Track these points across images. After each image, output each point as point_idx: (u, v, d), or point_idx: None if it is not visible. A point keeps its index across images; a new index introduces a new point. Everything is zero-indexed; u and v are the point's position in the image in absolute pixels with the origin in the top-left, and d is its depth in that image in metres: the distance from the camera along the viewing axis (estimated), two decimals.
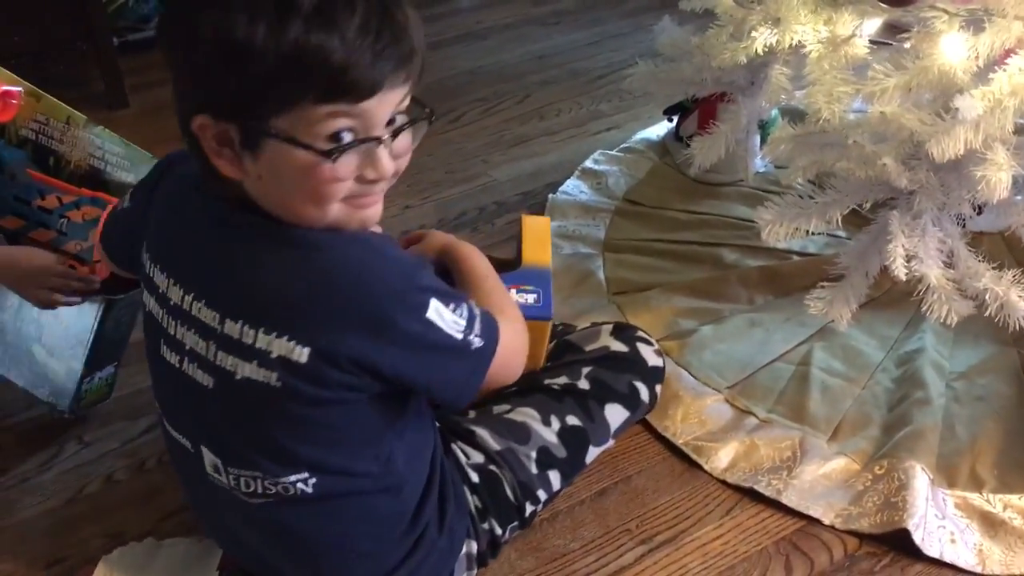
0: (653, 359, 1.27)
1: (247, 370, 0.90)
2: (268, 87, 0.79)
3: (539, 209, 1.81)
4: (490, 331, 0.95)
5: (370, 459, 0.98)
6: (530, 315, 1.15)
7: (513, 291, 1.19)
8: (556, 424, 1.17)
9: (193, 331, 0.93)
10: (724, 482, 1.26)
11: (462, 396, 0.96)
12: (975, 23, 1.17)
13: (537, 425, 1.17)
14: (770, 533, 1.20)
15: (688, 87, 1.59)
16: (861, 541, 1.18)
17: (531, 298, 1.20)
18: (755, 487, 1.24)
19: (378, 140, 0.84)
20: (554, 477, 1.16)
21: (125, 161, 1.27)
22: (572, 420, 1.19)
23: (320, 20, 0.78)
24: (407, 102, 0.87)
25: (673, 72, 1.59)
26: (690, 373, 1.41)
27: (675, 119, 1.93)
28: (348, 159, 0.84)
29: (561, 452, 1.17)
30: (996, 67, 1.14)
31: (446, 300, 0.90)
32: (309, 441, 0.95)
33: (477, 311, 0.94)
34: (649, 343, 1.28)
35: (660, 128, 2.01)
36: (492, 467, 1.13)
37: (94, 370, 1.34)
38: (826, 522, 1.20)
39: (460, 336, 0.91)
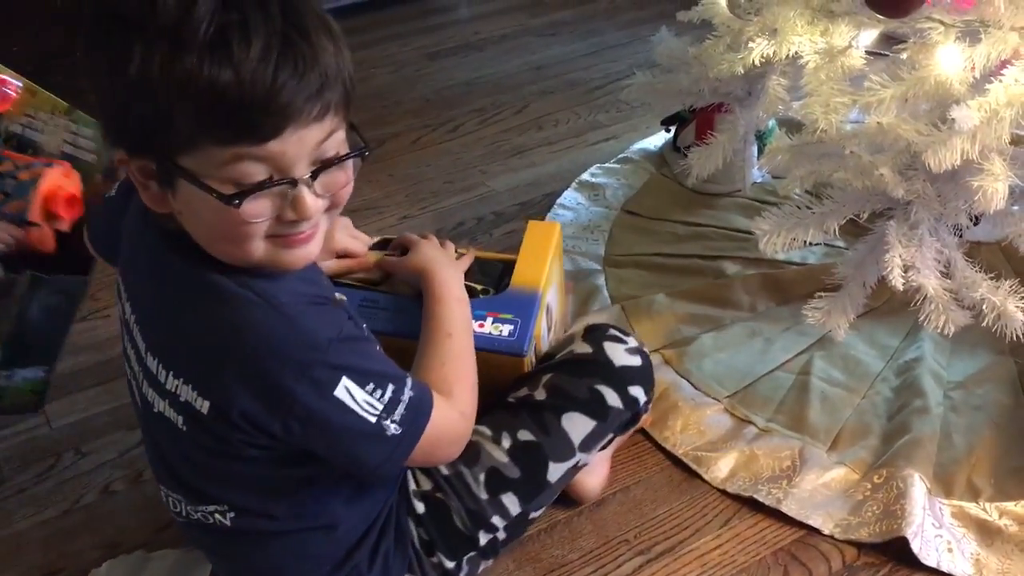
0: (623, 359, 1.13)
1: (161, 406, 0.90)
2: (166, 125, 0.75)
3: (537, 220, 1.81)
4: (415, 419, 0.90)
5: (296, 503, 0.95)
6: (500, 349, 1.11)
7: (490, 319, 1.13)
8: (507, 441, 1.07)
9: (133, 352, 0.94)
10: (724, 492, 1.26)
11: (374, 475, 0.92)
12: (971, 34, 1.17)
13: (487, 444, 1.07)
14: (769, 543, 1.20)
15: (685, 98, 1.60)
16: (860, 551, 1.18)
17: (506, 329, 1.12)
18: (755, 496, 1.24)
19: (294, 182, 0.79)
20: (509, 501, 1.06)
21: (92, 143, 1.22)
22: (525, 435, 1.08)
23: (213, 54, 0.72)
24: (339, 134, 0.81)
25: (671, 83, 1.59)
26: (690, 382, 1.41)
27: (672, 130, 1.93)
28: (258, 203, 0.79)
29: (513, 472, 1.06)
30: (992, 78, 1.14)
31: (363, 380, 0.86)
32: (220, 482, 0.93)
33: (405, 395, 0.89)
34: (620, 341, 1.15)
35: (658, 139, 2.02)
36: (439, 495, 1.05)
37: (15, 364, 1.23)
38: (825, 532, 1.20)
39: (373, 420, 0.86)
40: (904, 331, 1.49)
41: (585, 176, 1.93)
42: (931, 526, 1.18)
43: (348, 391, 0.85)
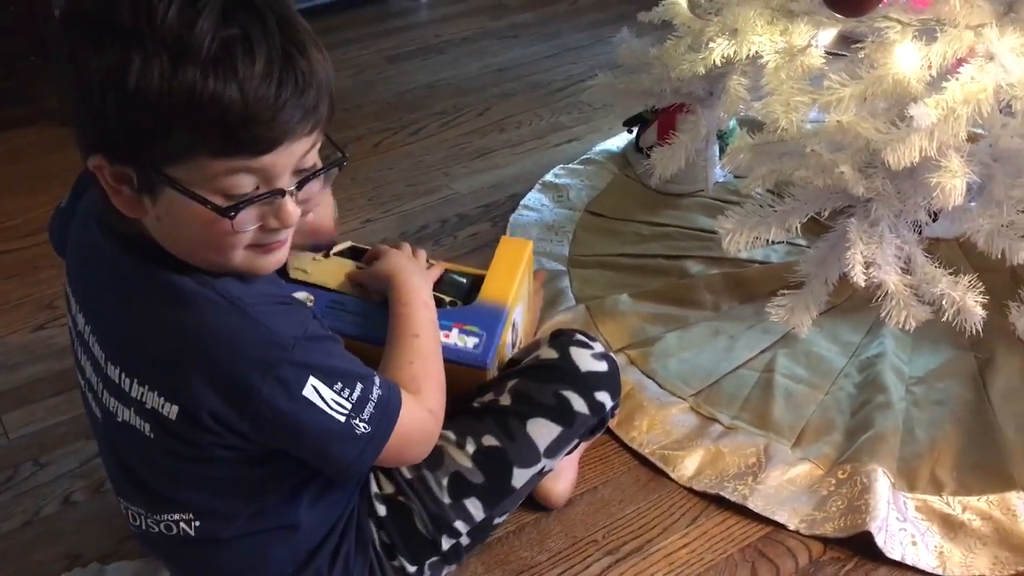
0: (589, 364, 1.13)
1: (126, 415, 0.89)
2: (161, 136, 0.75)
3: (501, 222, 1.81)
4: (384, 417, 0.90)
5: (261, 504, 0.95)
6: (464, 361, 1.11)
7: (455, 330, 1.12)
8: (471, 446, 1.07)
9: (90, 363, 0.93)
10: (690, 490, 1.27)
11: (345, 475, 0.92)
12: (927, 33, 1.19)
13: (451, 448, 1.07)
14: (736, 540, 1.20)
15: (647, 98, 1.60)
16: (825, 546, 1.19)
17: (472, 342, 1.12)
18: (721, 493, 1.25)
19: (281, 192, 0.80)
20: (473, 506, 1.06)
21: None
22: (489, 441, 1.07)
23: (217, 68, 0.73)
24: (318, 145, 0.83)
25: (632, 83, 1.59)
26: (655, 382, 1.41)
27: (635, 130, 1.94)
28: (248, 213, 0.80)
29: (477, 477, 1.06)
30: (949, 76, 1.15)
31: (331, 379, 0.86)
32: (187, 487, 0.93)
33: (374, 394, 0.89)
34: (586, 346, 1.14)
35: (620, 139, 2.02)
36: (401, 498, 1.04)
37: None
38: (791, 527, 1.21)
39: (342, 419, 0.87)
40: (866, 327, 1.50)
41: (548, 177, 1.93)
42: (895, 520, 1.19)
43: (316, 390, 0.85)
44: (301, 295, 1.13)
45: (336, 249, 1.23)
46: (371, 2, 2.83)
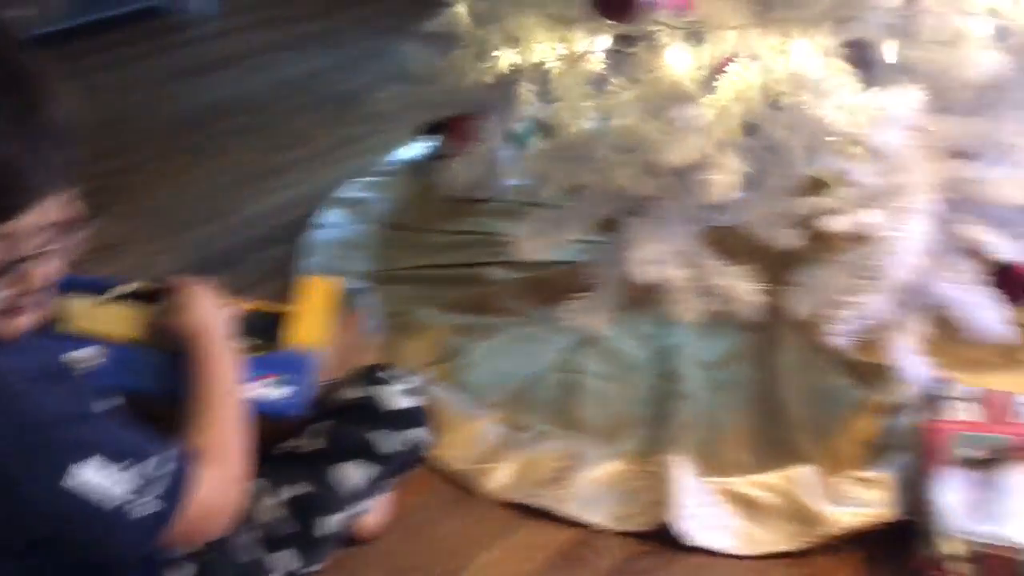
0: (394, 402, 1.09)
1: None
2: None
3: (299, 242, 1.76)
4: (173, 495, 0.82)
5: None
6: (274, 412, 1.04)
7: (267, 380, 1.05)
8: (281, 494, 1.03)
9: None
10: (504, 502, 1.26)
11: (121, 562, 0.86)
12: (695, 35, 1.23)
13: (260, 499, 1.01)
14: (550, 547, 1.20)
15: (439, 108, 1.60)
16: (638, 541, 1.21)
17: (283, 392, 1.05)
18: (534, 502, 1.25)
19: (32, 256, 0.73)
20: (289, 557, 1.01)
21: None
22: (300, 488, 1.03)
23: None
24: (70, 196, 0.76)
25: (423, 94, 1.59)
26: (462, 396, 1.40)
27: (428, 139, 1.93)
28: None
29: (290, 527, 1.02)
30: (719, 75, 1.20)
31: (110, 458, 0.78)
32: None
33: (163, 470, 0.82)
34: (395, 382, 1.11)
35: (415, 149, 2.00)
36: (210, 556, 0.97)
37: None
38: (604, 527, 1.22)
39: (121, 502, 0.79)
40: (662, 319, 1.54)
41: (345, 192, 1.89)
42: (699, 507, 1.22)
43: (90, 472, 0.77)
44: (89, 351, 1.03)
45: (118, 292, 1.12)
46: (150, 17, 2.69)
